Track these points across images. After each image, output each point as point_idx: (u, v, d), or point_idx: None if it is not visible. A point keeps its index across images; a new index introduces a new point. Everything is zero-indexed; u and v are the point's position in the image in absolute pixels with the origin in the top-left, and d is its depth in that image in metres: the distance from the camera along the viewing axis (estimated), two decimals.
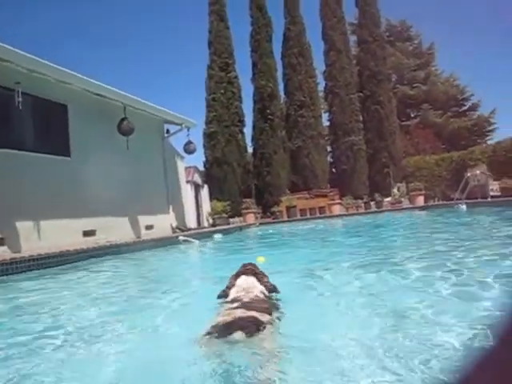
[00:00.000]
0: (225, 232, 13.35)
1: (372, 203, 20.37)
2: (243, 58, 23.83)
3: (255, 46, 23.17)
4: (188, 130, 13.65)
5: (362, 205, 20.31)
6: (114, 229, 10.49)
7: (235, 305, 2.54)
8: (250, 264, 3.30)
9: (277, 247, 9.68)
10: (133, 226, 11.50)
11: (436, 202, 19.63)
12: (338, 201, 19.75)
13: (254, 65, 23.20)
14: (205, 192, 19.60)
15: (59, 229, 8.96)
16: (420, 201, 18.45)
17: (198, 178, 18.89)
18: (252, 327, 2.18)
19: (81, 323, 3.16)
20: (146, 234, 11.65)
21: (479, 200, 15.04)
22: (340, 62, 23.85)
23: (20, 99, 7.73)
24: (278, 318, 2.51)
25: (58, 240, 8.58)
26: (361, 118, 24.02)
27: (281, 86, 23.93)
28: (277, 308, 2.77)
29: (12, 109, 7.91)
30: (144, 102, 11.51)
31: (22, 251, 7.82)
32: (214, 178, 21.23)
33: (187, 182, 16.60)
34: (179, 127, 13.57)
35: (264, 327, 2.23)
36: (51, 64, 8.46)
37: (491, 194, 16.01)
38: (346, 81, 23.85)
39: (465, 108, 33.59)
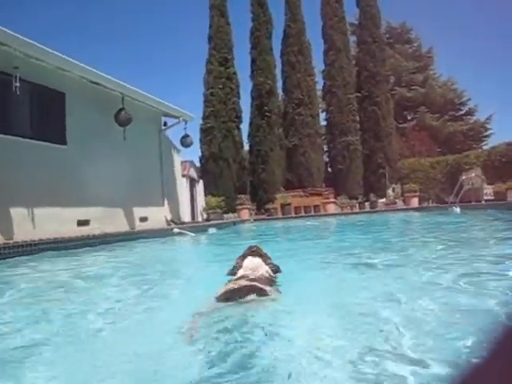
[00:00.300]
0: (219, 226, 13.32)
1: (366, 204, 20.42)
2: (242, 54, 23.82)
3: (255, 43, 23.13)
4: (185, 123, 13.58)
5: (357, 205, 20.35)
6: (109, 220, 10.42)
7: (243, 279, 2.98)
8: (255, 246, 3.55)
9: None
10: (127, 217, 11.43)
11: (430, 205, 19.69)
12: (333, 200, 19.76)
13: (253, 61, 23.16)
14: (200, 187, 19.55)
15: (53, 217, 8.89)
16: (414, 202, 18.51)
17: (193, 173, 18.85)
18: (259, 291, 2.75)
19: None
20: (140, 226, 11.59)
21: (473, 203, 15.11)
22: (339, 62, 23.86)
23: (18, 84, 7.63)
24: (279, 291, 3.00)
25: (52, 228, 8.51)
26: (358, 119, 24.03)
27: (279, 84, 23.97)
28: (277, 286, 3.17)
29: (9, 94, 7.81)
30: (142, 92, 11.44)
31: (14, 238, 7.76)
32: (210, 173, 21.19)
33: (183, 176, 16.54)
34: (176, 120, 13.50)
35: (268, 293, 2.78)
36: (50, 50, 8.37)
37: (485, 198, 16.12)
38: (344, 80, 23.87)
39: (461, 112, 33.74)
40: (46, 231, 8.12)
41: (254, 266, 3.27)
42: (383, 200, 20.75)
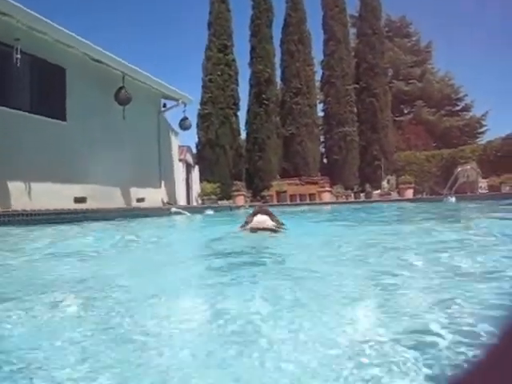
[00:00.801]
0: (215, 209, 13.38)
1: (362, 194, 20.54)
2: (242, 41, 23.70)
3: (255, 31, 23.01)
4: (184, 106, 13.58)
5: (352, 194, 20.45)
6: (106, 198, 10.42)
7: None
8: (263, 206, 4.26)
9: None
10: (124, 196, 11.44)
11: (424, 197, 19.85)
12: (328, 188, 19.84)
13: (253, 49, 23.05)
14: (196, 173, 19.58)
15: (50, 192, 8.88)
16: (409, 194, 18.63)
17: (189, 158, 18.87)
18: (273, 228, 4.36)
19: None
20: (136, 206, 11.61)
21: (468, 194, 15.27)
22: (339, 53, 23.81)
23: (18, 56, 7.60)
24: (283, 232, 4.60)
25: (49, 203, 8.50)
26: (355, 110, 24.04)
27: (278, 72, 23.87)
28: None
29: (9, 66, 7.78)
30: (143, 72, 11.40)
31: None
32: (206, 159, 21.18)
33: (180, 160, 16.56)
34: (175, 102, 13.48)
35: (276, 231, 4.42)
36: (52, 23, 8.32)
37: (479, 191, 16.27)
38: (343, 71, 23.84)
39: (458, 108, 33.87)
40: (42, 206, 8.11)
41: (262, 220, 4.40)
42: (378, 191, 20.86)
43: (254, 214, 4.47)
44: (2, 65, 7.94)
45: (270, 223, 4.36)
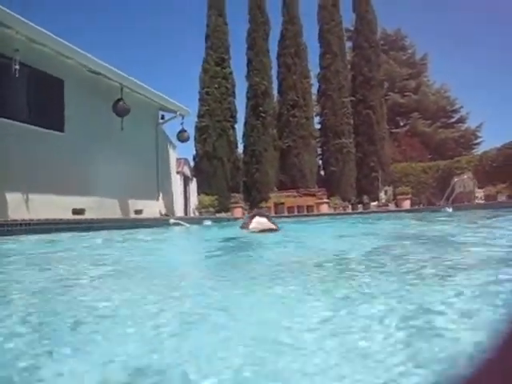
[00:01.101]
0: (213, 220, 13.34)
1: (359, 206, 20.55)
2: (238, 54, 23.91)
3: (252, 44, 23.23)
4: (182, 118, 13.60)
5: (349, 206, 20.47)
6: (104, 210, 10.36)
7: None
8: (261, 209, 4.53)
9: None
10: (122, 208, 11.39)
11: (421, 207, 19.87)
12: (326, 200, 19.85)
13: (250, 62, 23.25)
14: (193, 185, 19.56)
15: (48, 204, 8.83)
16: (406, 204, 18.65)
17: (187, 171, 18.85)
18: (268, 229, 5.24)
19: None
20: None
21: (465, 204, 15.30)
22: (335, 66, 24.01)
23: (17, 67, 7.61)
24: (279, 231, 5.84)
25: (47, 215, 8.45)
26: (352, 122, 24.17)
27: (275, 85, 24.04)
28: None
29: (8, 77, 7.77)
30: (141, 84, 11.44)
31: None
32: (204, 171, 21.20)
33: (177, 172, 16.54)
34: (173, 114, 13.51)
35: (274, 230, 5.42)
36: (51, 34, 8.36)
37: (476, 201, 16.31)
38: (339, 84, 24.01)
39: (453, 120, 34.16)
40: (40, 217, 8.05)
41: (260, 222, 5.33)
42: (375, 203, 20.89)
43: (253, 217, 5.46)
44: (1, 75, 7.94)
45: (267, 224, 5.37)
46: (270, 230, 5.29)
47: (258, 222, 5.27)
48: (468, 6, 36.21)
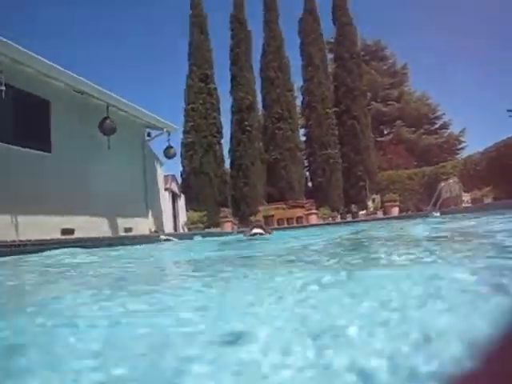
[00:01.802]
0: (203, 235, 13.30)
1: (348, 215, 20.68)
2: (222, 69, 24.12)
3: (235, 60, 23.49)
4: (169, 134, 13.62)
5: (338, 216, 20.57)
6: (93, 229, 10.27)
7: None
8: (260, 220, 5.31)
9: None
10: (112, 227, 11.31)
11: (410, 213, 20.05)
12: (315, 211, 19.93)
13: (233, 77, 23.46)
14: (181, 202, 19.48)
15: (37, 225, 8.73)
16: (395, 211, 18.81)
17: (175, 187, 18.79)
18: (266, 232, 8.82)
19: None
20: None
21: (452, 208, 15.49)
22: (317, 77, 24.35)
23: (3, 88, 7.59)
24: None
25: (36, 237, 8.36)
26: (337, 133, 24.44)
27: (259, 99, 24.26)
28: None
29: None
30: (127, 102, 11.45)
31: None
32: (191, 188, 21.18)
33: (165, 189, 16.50)
34: (160, 131, 13.53)
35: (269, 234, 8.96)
36: (36, 56, 8.36)
37: (463, 205, 16.51)
38: (322, 95, 24.33)
39: (436, 126, 34.76)
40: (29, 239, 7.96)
41: (258, 231, 8.22)
42: (364, 211, 21.03)
43: (253, 227, 8.79)
44: None
45: (263, 231, 8.52)
46: (262, 235, 8.36)
47: (257, 231, 8.39)
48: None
